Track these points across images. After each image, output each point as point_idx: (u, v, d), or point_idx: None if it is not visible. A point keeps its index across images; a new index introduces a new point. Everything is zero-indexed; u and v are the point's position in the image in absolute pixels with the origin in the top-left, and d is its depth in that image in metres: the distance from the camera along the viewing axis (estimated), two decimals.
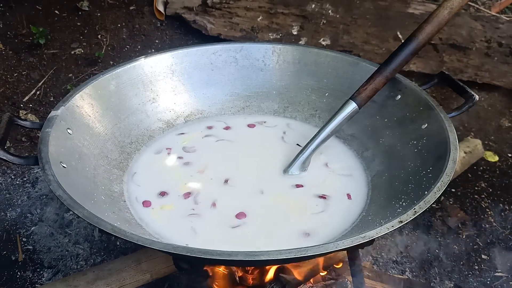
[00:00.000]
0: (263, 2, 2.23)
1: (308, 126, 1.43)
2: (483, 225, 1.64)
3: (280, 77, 1.47)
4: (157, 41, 2.30)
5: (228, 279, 1.25)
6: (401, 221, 0.89)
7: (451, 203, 1.72)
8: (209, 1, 2.24)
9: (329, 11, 2.19)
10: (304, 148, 1.23)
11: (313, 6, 2.20)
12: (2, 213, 1.61)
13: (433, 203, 0.94)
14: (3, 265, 1.45)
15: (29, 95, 2.03)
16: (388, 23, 2.19)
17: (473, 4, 2.36)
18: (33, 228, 1.56)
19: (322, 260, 1.30)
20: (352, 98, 1.21)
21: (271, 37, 2.21)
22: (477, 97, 1.18)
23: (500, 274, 1.49)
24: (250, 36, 2.21)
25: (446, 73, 1.29)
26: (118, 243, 1.52)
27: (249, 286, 1.25)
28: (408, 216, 0.90)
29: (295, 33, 2.21)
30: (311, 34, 2.19)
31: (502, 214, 1.69)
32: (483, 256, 1.54)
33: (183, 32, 2.33)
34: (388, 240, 1.56)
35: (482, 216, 1.67)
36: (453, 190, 1.77)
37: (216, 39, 2.22)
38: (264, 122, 1.44)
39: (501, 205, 1.73)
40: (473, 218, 1.67)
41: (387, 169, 1.21)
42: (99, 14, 2.33)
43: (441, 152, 1.06)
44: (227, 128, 1.41)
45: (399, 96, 1.29)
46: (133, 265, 1.27)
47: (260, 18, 2.22)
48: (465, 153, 1.80)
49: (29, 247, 1.50)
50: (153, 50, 2.26)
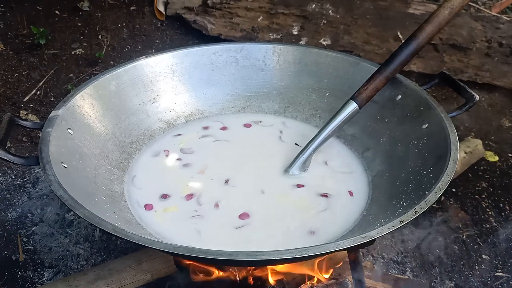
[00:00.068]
0: (263, 2, 2.23)
1: (305, 125, 1.43)
2: (484, 225, 1.64)
3: (281, 77, 1.47)
4: (157, 41, 2.30)
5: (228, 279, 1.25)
6: (402, 221, 0.89)
7: (451, 203, 1.72)
8: (210, 1, 2.24)
9: (330, 11, 2.19)
10: (304, 148, 1.23)
11: (313, 6, 2.20)
12: (3, 213, 1.61)
13: (433, 203, 0.94)
14: (3, 265, 1.45)
15: (29, 95, 2.03)
16: (388, 23, 2.18)
17: (473, 4, 2.36)
18: (33, 228, 1.56)
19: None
20: (353, 98, 1.21)
21: (272, 37, 2.21)
22: (477, 97, 1.19)
23: (501, 274, 1.49)
24: (251, 36, 2.21)
25: (447, 73, 1.29)
26: (118, 243, 1.52)
27: (249, 286, 1.25)
28: (409, 216, 0.90)
29: (295, 33, 2.21)
30: (311, 34, 2.19)
31: (503, 214, 1.69)
32: (484, 256, 1.54)
33: (184, 32, 2.33)
34: (389, 240, 1.56)
35: (482, 216, 1.67)
36: (453, 190, 1.77)
37: (217, 39, 2.22)
38: (260, 121, 1.44)
39: (501, 205, 1.72)
40: (474, 218, 1.67)
41: (388, 169, 1.21)
42: (99, 14, 2.33)
43: (442, 152, 1.06)
44: (223, 129, 1.41)
45: (399, 96, 1.29)
46: (134, 265, 1.27)
47: (260, 18, 2.22)
48: (465, 153, 1.79)
49: (30, 247, 1.50)
50: (153, 50, 2.26)
